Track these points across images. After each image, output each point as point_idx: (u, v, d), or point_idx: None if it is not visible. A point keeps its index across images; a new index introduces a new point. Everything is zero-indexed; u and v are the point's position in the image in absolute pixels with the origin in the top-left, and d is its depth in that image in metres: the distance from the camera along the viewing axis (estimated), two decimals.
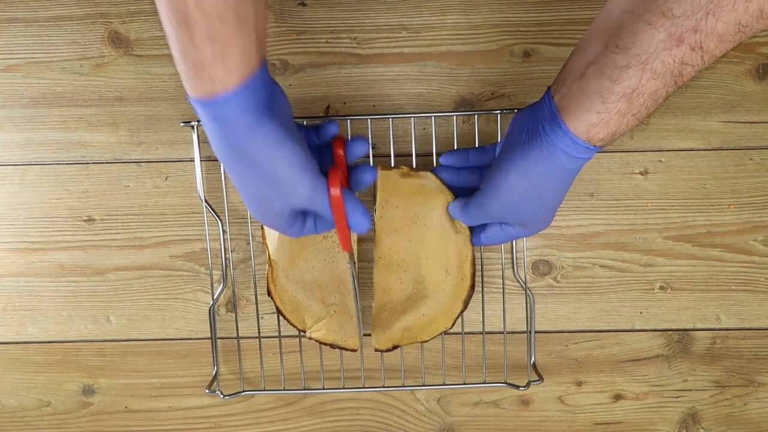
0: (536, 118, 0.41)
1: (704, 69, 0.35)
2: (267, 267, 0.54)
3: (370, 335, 0.55)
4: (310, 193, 0.39)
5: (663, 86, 0.35)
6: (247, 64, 0.34)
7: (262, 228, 0.54)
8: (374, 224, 0.52)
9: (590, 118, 0.37)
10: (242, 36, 0.33)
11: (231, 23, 0.32)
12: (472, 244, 0.52)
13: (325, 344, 0.55)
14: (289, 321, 0.54)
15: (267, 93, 0.37)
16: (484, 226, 0.50)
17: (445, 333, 0.55)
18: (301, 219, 0.43)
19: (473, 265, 0.52)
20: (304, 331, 0.55)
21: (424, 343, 0.56)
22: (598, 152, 0.56)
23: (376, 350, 0.55)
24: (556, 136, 0.39)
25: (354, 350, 0.55)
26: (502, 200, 0.44)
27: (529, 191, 0.43)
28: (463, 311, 0.54)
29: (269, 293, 0.54)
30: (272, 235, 0.53)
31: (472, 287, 0.53)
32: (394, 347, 0.55)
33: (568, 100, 0.38)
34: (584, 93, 0.37)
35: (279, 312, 0.54)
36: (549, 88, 0.42)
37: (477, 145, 0.54)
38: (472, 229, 0.51)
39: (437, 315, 0.54)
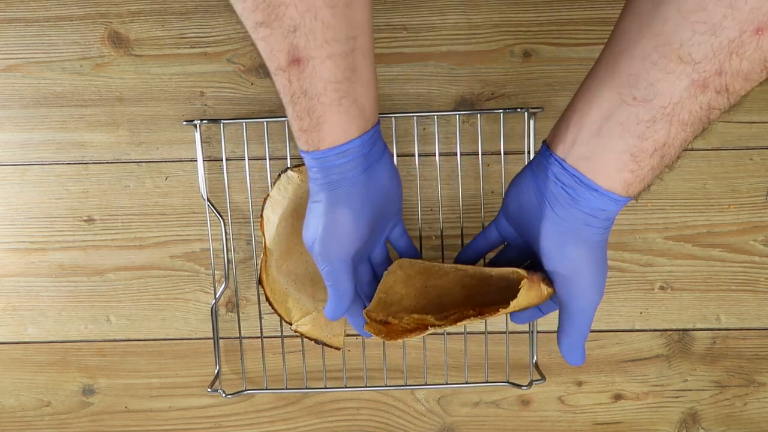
0: (550, 189, 0.38)
1: (730, 109, 0.33)
2: (262, 255, 0.54)
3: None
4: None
5: (692, 133, 0.33)
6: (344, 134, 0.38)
7: (261, 216, 0.54)
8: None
9: (625, 177, 0.35)
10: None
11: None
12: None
13: (310, 339, 0.55)
14: (276, 311, 0.55)
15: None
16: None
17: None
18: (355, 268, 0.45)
19: None
20: (290, 323, 0.55)
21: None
22: None
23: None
24: (593, 198, 0.36)
25: (338, 348, 0.55)
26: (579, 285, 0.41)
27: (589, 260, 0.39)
28: None
29: (261, 282, 0.54)
30: (271, 225, 0.53)
31: None
32: None
33: (589, 161, 0.36)
34: (609, 152, 0.35)
35: (268, 301, 0.54)
36: (547, 146, 0.39)
37: (480, 144, 0.54)
38: None
39: None
